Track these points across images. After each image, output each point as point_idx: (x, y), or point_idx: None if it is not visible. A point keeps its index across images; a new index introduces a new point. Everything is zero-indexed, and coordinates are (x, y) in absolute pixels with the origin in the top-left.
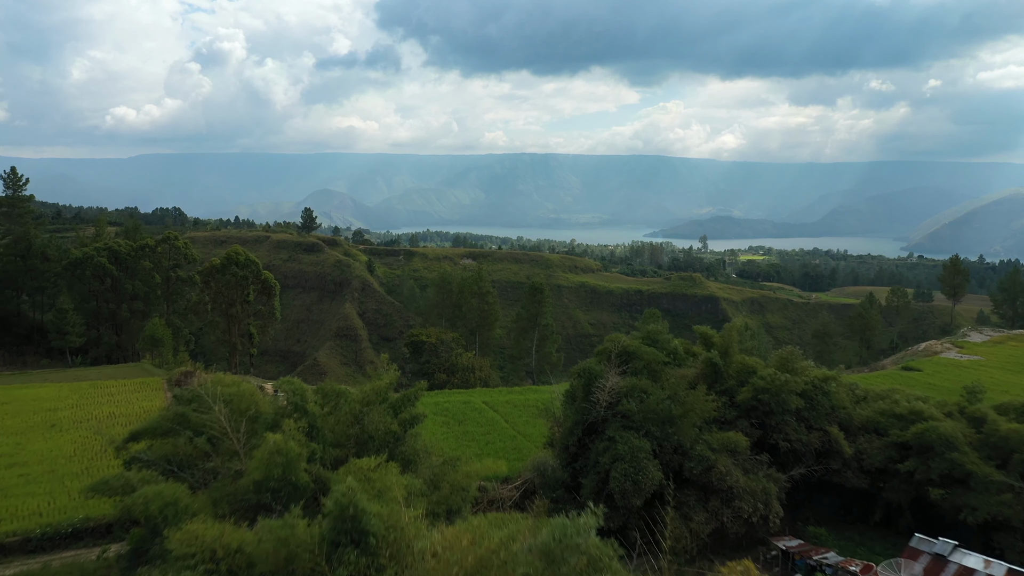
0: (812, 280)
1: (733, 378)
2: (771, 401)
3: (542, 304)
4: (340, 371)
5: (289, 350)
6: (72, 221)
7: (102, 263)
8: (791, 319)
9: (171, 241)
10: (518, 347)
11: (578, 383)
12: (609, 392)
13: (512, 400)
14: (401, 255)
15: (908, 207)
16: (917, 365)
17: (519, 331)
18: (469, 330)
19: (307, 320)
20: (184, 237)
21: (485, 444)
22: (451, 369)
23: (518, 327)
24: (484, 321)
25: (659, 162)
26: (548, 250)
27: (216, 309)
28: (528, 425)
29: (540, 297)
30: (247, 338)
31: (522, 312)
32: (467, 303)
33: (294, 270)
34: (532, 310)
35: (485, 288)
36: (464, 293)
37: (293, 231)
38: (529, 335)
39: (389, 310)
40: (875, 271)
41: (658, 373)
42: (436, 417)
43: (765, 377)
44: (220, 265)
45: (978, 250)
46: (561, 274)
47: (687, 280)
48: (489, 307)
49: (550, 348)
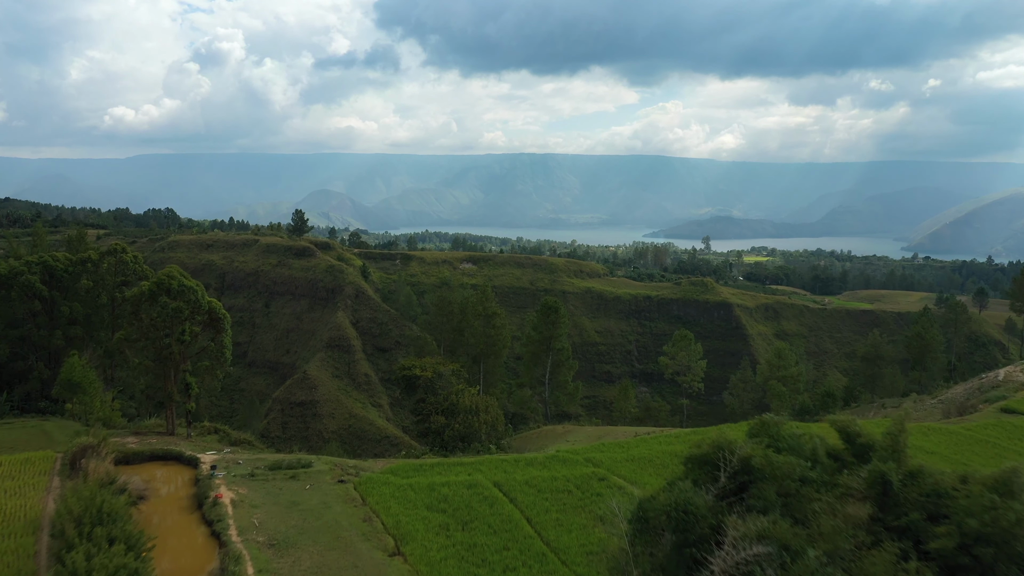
0: (822, 283)
1: (915, 505)
2: (996, 558)
3: (557, 325)
4: (332, 384)
5: (278, 361)
6: (53, 223)
7: (31, 282)
8: (807, 326)
9: (118, 254)
10: (529, 374)
11: (664, 526)
12: (727, 554)
13: (534, 479)
14: (398, 259)
15: (908, 207)
16: (1018, 407)
17: (530, 356)
18: (472, 357)
19: (297, 329)
20: (166, 240)
21: (502, 573)
22: (451, 410)
23: (529, 351)
24: (491, 348)
25: (658, 162)
26: (549, 251)
27: (147, 349)
28: (561, 530)
29: (555, 317)
30: (184, 390)
31: (533, 334)
32: (470, 326)
33: (283, 276)
34: (545, 332)
35: (491, 309)
36: (467, 315)
37: (283, 234)
38: (542, 361)
39: (384, 318)
40: (883, 273)
41: (800, 506)
42: (431, 515)
43: (978, 512)
44: (148, 292)
45: (979, 250)
46: (566, 279)
47: (698, 285)
48: (496, 331)
49: (566, 376)
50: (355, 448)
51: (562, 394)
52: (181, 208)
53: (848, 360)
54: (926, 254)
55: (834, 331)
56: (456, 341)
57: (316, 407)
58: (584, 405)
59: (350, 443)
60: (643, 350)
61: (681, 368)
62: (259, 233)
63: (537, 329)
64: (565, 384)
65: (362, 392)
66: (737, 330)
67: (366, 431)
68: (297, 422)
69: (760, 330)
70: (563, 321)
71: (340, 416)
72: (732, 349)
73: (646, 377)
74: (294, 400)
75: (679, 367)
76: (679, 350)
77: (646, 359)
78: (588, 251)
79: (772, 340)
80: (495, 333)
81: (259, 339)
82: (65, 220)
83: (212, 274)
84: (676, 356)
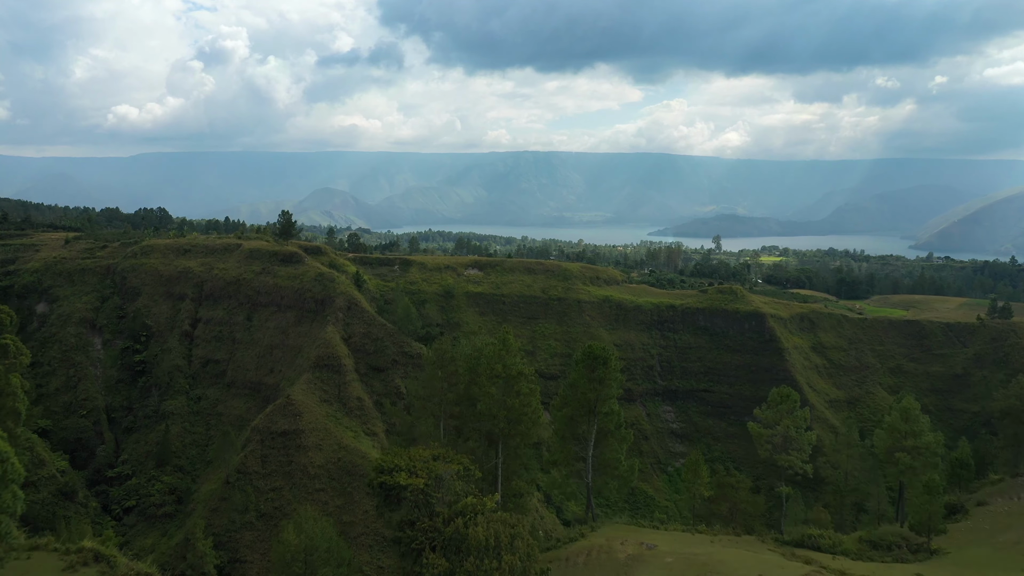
0: (848, 287)
1: None
2: None
3: (605, 383)
4: (319, 411)
5: (260, 382)
6: (20, 225)
7: None
8: (846, 338)
9: None
10: (562, 449)
11: None
12: None
13: None
14: (396, 265)
15: (915, 205)
16: None
17: (565, 422)
18: (486, 437)
19: (282, 345)
20: (139, 245)
21: None
22: (456, 544)
23: (563, 416)
24: (514, 427)
25: (662, 160)
26: (556, 251)
27: None
28: None
29: (602, 372)
30: None
31: (568, 393)
32: (485, 394)
33: (268, 285)
34: (588, 391)
35: (515, 367)
36: (479, 377)
37: (269, 237)
38: (580, 426)
39: (380, 334)
40: (902, 274)
41: None
42: None
43: None
44: None
45: (988, 249)
46: (581, 287)
47: (727, 294)
48: (523, 401)
49: (616, 451)
50: (345, 486)
51: (610, 477)
52: (184, 207)
53: (894, 377)
54: (935, 252)
55: (875, 343)
56: (463, 415)
57: (301, 438)
58: None
59: (339, 480)
60: (666, 365)
61: (782, 441)
62: (243, 236)
63: (576, 387)
64: (615, 464)
65: (354, 419)
66: (771, 343)
67: (357, 465)
68: (279, 455)
69: (796, 343)
70: (613, 376)
71: (328, 448)
72: (765, 364)
73: (670, 395)
74: (275, 430)
75: (778, 439)
76: (780, 414)
77: (670, 375)
78: (597, 252)
79: (809, 354)
80: (521, 404)
81: (239, 356)
82: (34, 222)
83: (189, 282)
84: (775, 423)
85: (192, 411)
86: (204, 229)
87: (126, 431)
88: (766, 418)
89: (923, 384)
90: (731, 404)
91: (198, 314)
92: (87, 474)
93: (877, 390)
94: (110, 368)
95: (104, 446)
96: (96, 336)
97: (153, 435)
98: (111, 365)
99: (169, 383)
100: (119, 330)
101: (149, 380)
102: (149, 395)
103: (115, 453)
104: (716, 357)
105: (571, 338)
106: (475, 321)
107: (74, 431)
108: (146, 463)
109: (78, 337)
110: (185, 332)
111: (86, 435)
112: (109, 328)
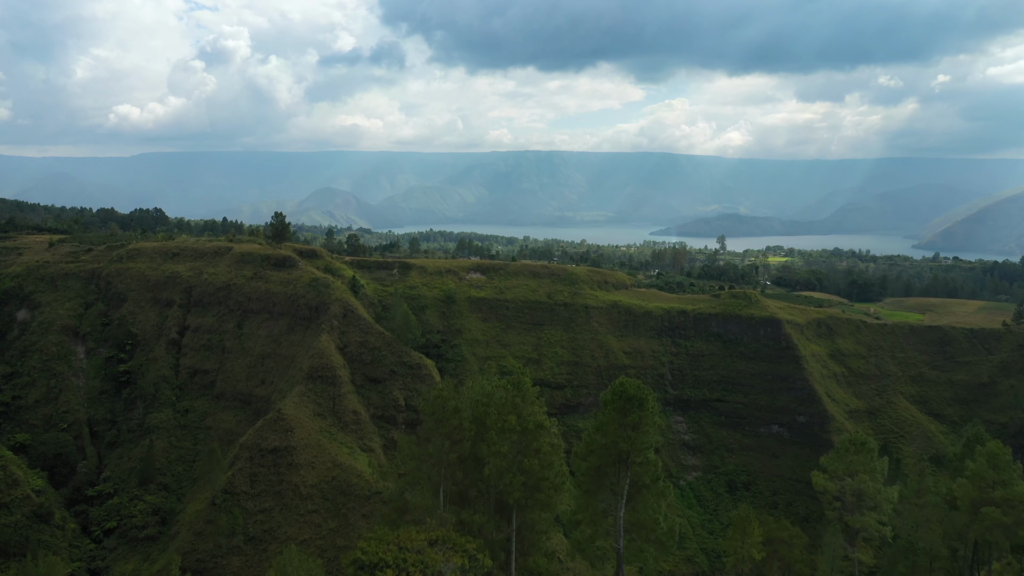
0: (860, 289)
1: None
2: None
3: (641, 429)
4: (312, 425)
5: (251, 393)
6: (3, 228)
7: None
8: (865, 345)
9: None
10: (587, 507)
11: None
12: None
13: None
14: (395, 268)
15: (918, 204)
16: None
17: (590, 474)
18: (496, 504)
19: (274, 355)
20: (125, 249)
21: None
22: None
23: (588, 467)
24: (532, 496)
25: (664, 159)
26: (559, 252)
27: None
28: None
29: (638, 415)
30: None
31: (595, 439)
32: (494, 452)
33: (260, 291)
34: (619, 438)
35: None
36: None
37: (262, 240)
38: (608, 478)
39: (377, 343)
40: (913, 275)
41: None
42: None
43: None
44: None
45: (992, 248)
46: (588, 291)
47: (741, 298)
48: (544, 462)
49: (653, 510)
50: (339, 507)
51: (646, 541)
52: (185, 207)
53: (916, 385)
54: (938, 252)
55: (896, 350)
56: (468, 477)
57: (292, 455)
58: None
59: (333, 500)
60: (678, 373)
61: (855, 499)
62: (234, 239)
63: (605, 432)
64: (652, 525)
65: (349, 434)
66: (787, 350)
67: (353, 485)
68: (269, 474)
69: (813, 350)
70: (651, 420)
71: (321, 466)
72: (782, 373)
73: (681, 405)
74: (265, 446)
75: (849, 496)
76: (857, 466)
77: (681, 383)
78: (601, 253)
79: (827, 362)
80: (541, 466)
81: (229, 366)
82: (18, 224)
83: (177, 288)
84: (848, 476)
85: (179, 424)
86: (201, 229)
87: (109, 446)
88: (834, 469)
89: (946, 393)
90: (746, 414)
91: (186, 321)
92: (67, 492)
93: (899, 400)
94: (93, 378)
95: (86, 462)
96: (79, 344)
97: (137, 450)
98: (94, 375)
99: (155, 395)
100: (103, 338)
101: (134, 391)
102: (134, 407)
103: (97, 469)
104: (730, 365)
105: (578, 346)
106: (477, 328)
107: (54, 446)
108: (129, 481)
109: (60, 346)
110: (172, 340)
111: (67, 450)
112: (93, 336)
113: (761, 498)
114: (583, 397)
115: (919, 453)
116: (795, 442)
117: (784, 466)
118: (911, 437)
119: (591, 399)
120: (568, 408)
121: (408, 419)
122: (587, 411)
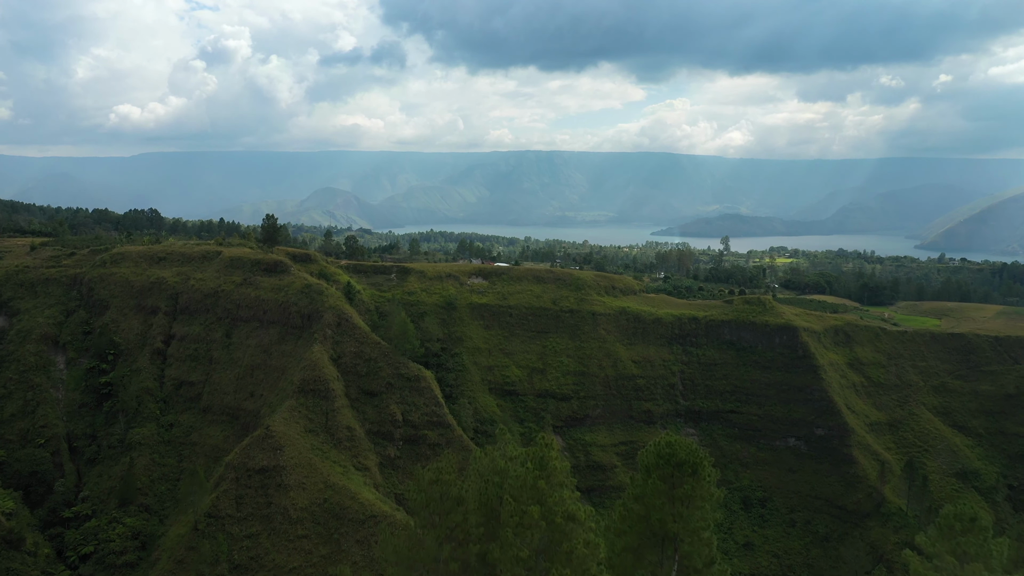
0: (871, 292)
1: None
2: None
3: (694, 503)
4: (303, 443)
5: (239, 407)
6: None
7: None
8: (885, 353)
9: None
10: None
11: None
12: None
13: None
14: (393, 273)
15: (919, 204)
16: None
17: (626, 554)
18: None
19: (264, 366)
20: (110, 253)
21: None
22: None
23: (623, 544)
24: None
25: (665, 159)
26: (561, 253)
27: None
28: None
29: (691, 485)
30: None
31: (631, 511)
32: (510, 559)
33: (249, 297)
34: (664, 514)
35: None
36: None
37: (253, 244)
38: (647, 562)
39: (373, 353)
40: (921, 277)
41: None
42: None
43: None
44: None
45: (994, 248)
46: (596, 297)
47: (755, 304)
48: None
49: None
50: (332, 532)
51: None
52: (186, 207)
53: (939, 396)
54: (941, 252)
55: (917, 359)
56: None
57: (281, 475)
58: (619, 453)
59: (325, 524)
60: (689, 383)
61: None
62: (224, 243)
63: (646, 504)
64: None
65: (343, 451)
66: (804, 359)
67: (347, 508)
68: (256, 496)
69: (831, 359)
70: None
71: (313, 487)
72: (798, 383)
73: (693, 416)
74: (253, 466)
75: None
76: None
77: (693, 394)
78: (605, 254)
79: (845, 371)
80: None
81: (217, 378)
82: (1, 226)
83: (162, 294)
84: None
85: (163, 440)
86: (197, 230)
87: (89, 462)
88: (934, 551)
89: (971, 405)
90: (761, 427)
91: (172, 330)
92: (42, 513)
93: (921, 411)
94: (73, 390)
95: (63, 480)
96: (59, 354)
97: (118, 467)
98: (74, 387)
99: (138, 408)
100: (84, 347)
101: (116, 404)
102: (115, 421)
103: (76, 487)
104: (744, 374)
105: (585, 354)
106: (479, 336)
107: (30, 463)
108: (108, 501)
109: (38, 355)
110: (157, 350)
111: (43, 467)
112: (73, 345)
113: (777, 515)
114: (590, 409)
115: (944, 468)
116: (813, 456)
117: (802, 481)
118: (935, 451)
119: (599, 411)
120: (575, 421)
121: (405, 435)
122: (594, 423)
